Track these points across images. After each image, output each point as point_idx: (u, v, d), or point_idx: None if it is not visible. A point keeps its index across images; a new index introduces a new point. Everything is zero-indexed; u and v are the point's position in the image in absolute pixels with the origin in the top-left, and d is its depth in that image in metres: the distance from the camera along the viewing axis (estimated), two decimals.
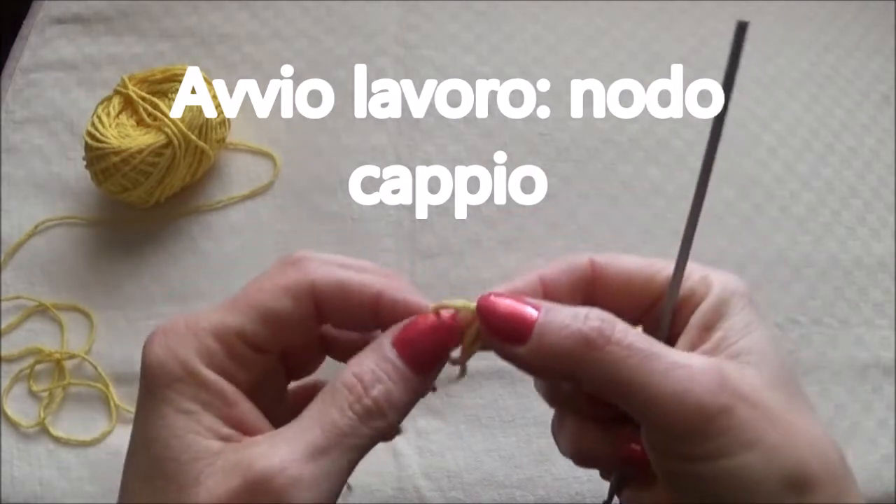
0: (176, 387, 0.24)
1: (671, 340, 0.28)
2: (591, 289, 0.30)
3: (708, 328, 0.27)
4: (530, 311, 0.26)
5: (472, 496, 0.53)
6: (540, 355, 0.25)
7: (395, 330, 0.26)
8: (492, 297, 0.27)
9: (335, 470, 0.24)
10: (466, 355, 0.28)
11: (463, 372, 0.28)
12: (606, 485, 0.32)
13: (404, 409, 0.26)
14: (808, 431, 0.24)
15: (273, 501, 0.23)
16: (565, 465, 0.54)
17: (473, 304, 0.27)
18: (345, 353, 0.29)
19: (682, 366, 0.24)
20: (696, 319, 0.27)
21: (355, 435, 0.24)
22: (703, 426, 0.23)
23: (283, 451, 0.23)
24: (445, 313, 0.27)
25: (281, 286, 0.26)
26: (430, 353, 0.26)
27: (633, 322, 0.29)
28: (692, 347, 0.27)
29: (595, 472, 0.54)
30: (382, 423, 0.25)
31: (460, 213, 0.64)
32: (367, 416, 0.24)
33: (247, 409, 0.25)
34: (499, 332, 0.26)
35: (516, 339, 0.26)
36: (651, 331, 0.28)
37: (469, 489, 0.53)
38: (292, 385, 0.31)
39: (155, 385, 0.25)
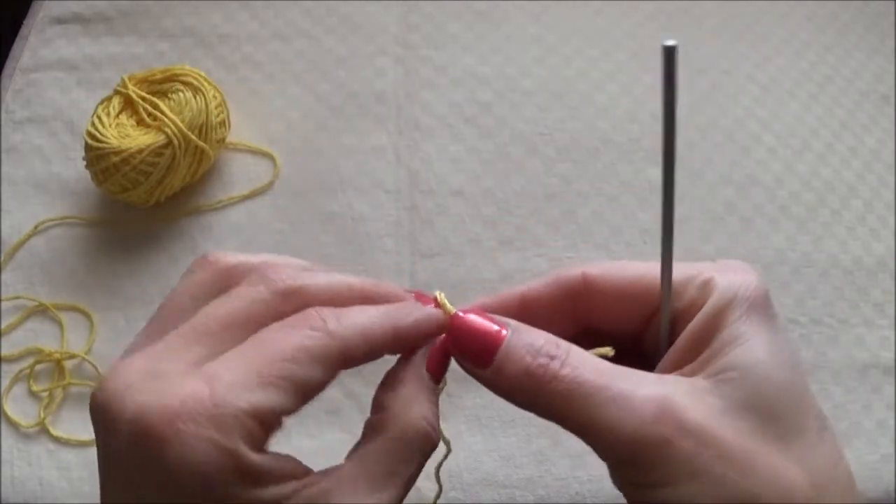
0: (231, 480, 0.21)
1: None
2: (584, 303, 0.29)
3: (698, 343, 0.26)
4: (497, 335, 0.26)
5: (472, 496, 0.53)
6: (498, 383, 0.26)
7: (424, 356, 0.28)
8: (461, 315, 0.27)
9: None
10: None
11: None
12: (606, 487, 0.32)
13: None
14: (771, 463, 0.23)
15: None
16: (565, 465, 0.54)
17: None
18: None
19: (623, 397, 0.24)
20: (685, 335, 0.27)
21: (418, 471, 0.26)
22: (641, 456, 0.24)
23: (370, 498, 0.24)
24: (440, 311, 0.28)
25: (306, 352, 0.24)
26: (446, 366, 0.28)
27: (634, 334, 0.29)
28: (677, 366, 0.26)
29: (595, 472, 0.54)
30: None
31: (460, 212, 0.64)
32: (431, 448, 0.26)
33: (290, 463, 0.24)
34: (465, 353, 0.27)
35: (480, 363, 0.26)
36: (653, 343, 0.28)
37: (469, 489, 0.53)
38: None
39: (204, 484, 0.21)
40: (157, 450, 0.21)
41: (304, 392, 0.24)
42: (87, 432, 0.55)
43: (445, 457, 0.31)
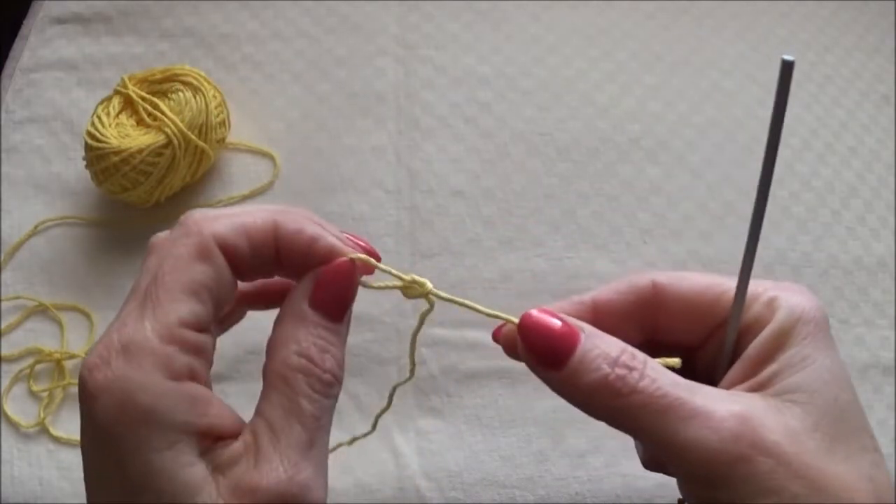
0: (147, 422, 0.22)
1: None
2: (652, 311, 0.29)
3: (763, 360, 0.26)
4: (572, 338, 0.26)
5: (472, 496, 0.53)
6: (570, 389, 0.26)
7: (305, 291, 0.26)
8: (537, 315, 0.27)
9: (323, 453, 0.25)
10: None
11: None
12: (606, 487, 0.32)
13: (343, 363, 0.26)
14: (842, 481, 0.24)
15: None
16: (565, 465, 0.54)
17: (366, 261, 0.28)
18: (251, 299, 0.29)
19: (702, 414, 0.24)
20: (751, 350, 0.27)
21: (325, 413, 0.25)
22: (720, 474, 0.24)
23: (278, 463, 0.23)
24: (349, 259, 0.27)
25: (188, 256, 0.25)
26: (344, 300, 0.27)
27: (697, 346, 0.29)
28: (743, 380, 0.27)
29: (595, 472, 0.54)
30: (339, 389, 0.26)
31: (460, 212, 0.64)
32: (329, 390, 0.25)
33: (217, 408, 0.24)
34: (536, 353, 0.26)
35: (551, 366, 0.26)
36: (715, 356, 0.28)
37: (469, 489, 0.53)
38: None
39: (123, 429, 0.22)
40: (89, 397, 0.23)
41: (200, 293, 0.24)
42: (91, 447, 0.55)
43: (406, 380, 0.31)
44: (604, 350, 0.26)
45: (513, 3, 0.76)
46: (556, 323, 0.26)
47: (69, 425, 0.55)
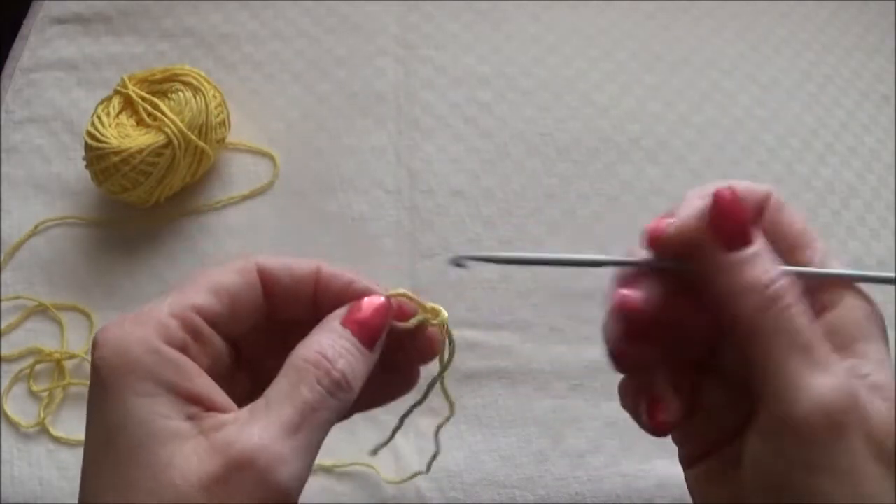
0: (134, 370, 0.24)
1: None
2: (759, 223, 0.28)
3: (843, 347, 0.26)
4: (752, 231, 0.26)
5: (472, 496, 0.53)
6: (730, 276, 0.25)
7: (340, 312, 0.28)
8: (736, 194, 0.26)
9: (310, 445, 0.25)
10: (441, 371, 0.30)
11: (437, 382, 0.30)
12: (606, 486, 0.32)
13: (362, 382, 0.27)
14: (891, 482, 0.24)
15: (256, 480, 0.23)
16: (565, 465, 0.54)
17: (438, 311, 0.29)
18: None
19: (829, 369, 0.24)
20: (833, 335, 0.26)
21: (325, 409, 0.25)
22: (821, 432, 0.23)
23: (259, 430, 0.24)
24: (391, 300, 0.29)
25: (229, 266, 0.28)
26: (376, 328, 0.27)
27: None
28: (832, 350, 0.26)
29: (595, 472, 0.54)
30: (349, 396, 0.26)
31: (460, 212, 0.64)
32: (335, 389, 0.25)
33: (207, 384, 0.25)
34: (722, 227, 0.26)
35: (727, 244, 0.26)
36: None
37: (469, 489, 0.53)
38: None
39: (112, 374, 0.24)
40: (96, 346, 0.25)
41: (220, 292, 0.27)
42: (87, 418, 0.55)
43: (447, 419, 0.32)
44: (774, 262, 0.25)
45: (513, 3, 0.76)
46: (748, 209, 0.26)
47: (69, 425, 0.55)
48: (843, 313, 0.27)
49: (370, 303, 0.28)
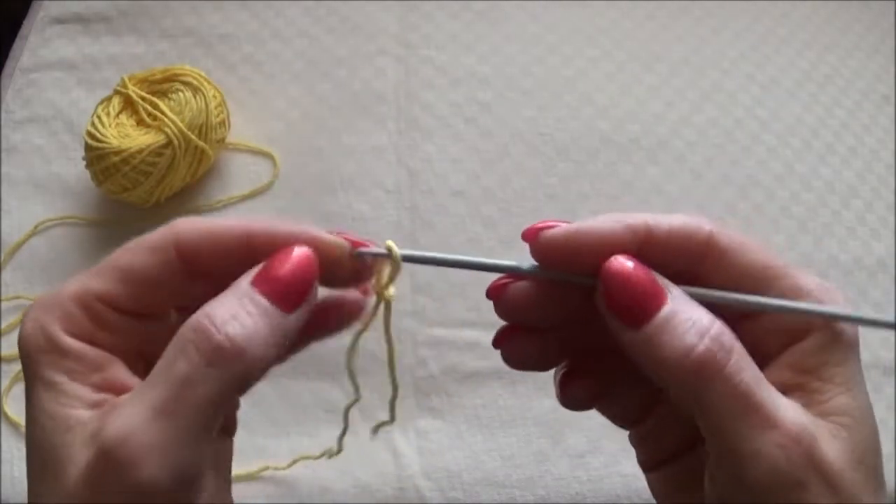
0: (41, 359, 0.23)
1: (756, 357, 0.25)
2: (696, 265, 0.25)
3: (805, 372, 0.24)
4: (659, 295, 0.23)
5: (472, 496, 0.53)
6: (648, 352, 0.23)
7: (253, 269, 0.24)
8: (626, 265, 0.24)
9: (188, 428, 0.21)
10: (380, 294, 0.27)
11: (382, 303, 0.26)
12: (606, 486, 0.32)
13: (269, 350, 0.22)
14: None
15: (121, 475, 0.20)
16: (565, 465, 0.54)
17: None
18: None
19: (778, 425, 0.22)
20: (793, 358, 0.24)
21: (203, 382, 0.21)
22: (776, 493, 0.22)
23: (125, 414, 0.21)
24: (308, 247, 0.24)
25: (143, 244, 0.25)
26: (296, 285, 0.23)
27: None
28: (785, 390, 0.24)
29: (595, 472, 0.54)
30: (239, 365, 0.22)
31: (460, 212, 0.64)
32: (217, 356, 0.21)
33: (119, 373, 0.24)
34: (618, 306, 0.23)
35: (630, 322, 0.23)
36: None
37: (469, 489, 0.53)
38: None
39: (24, 362, 0.24)
40: (19, 331, 0.24)
41: (129, 277, 0.24)
42: None
43: (353, 402, 0.30)
44: (693, 316, 0.23)
45: (513, 3, 0.76)
46: (644, 274, 0.23)
47: None
48: (809, 341, 0.25)
49: (287, 256, 0.23)
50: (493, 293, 0.27)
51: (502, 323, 0.29)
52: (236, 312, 0.22)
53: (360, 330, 0.27)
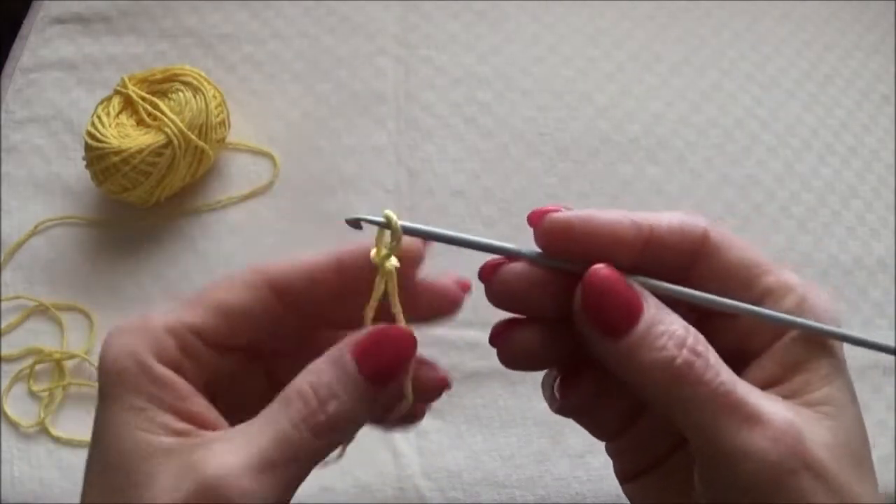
0: (126, 383, 0.24)
1: (742, 354, 0.25)
2: (690, 264, 0.26)
3: (794, 365, 0.25)
4: (637, 306, 0.24)
5: (472, 496, 0.53)
6: (625, 362, 0.24)
7: (355, 339, 0.25)
8: (605, 276, 0.24)
9: (285, 483, 0.23)
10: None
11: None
12: (606, 486, 0.32)
13: (359, 424, 0.25)
14: (864, 501, 0.23)
15: None
16: (565, 465, 0.54)
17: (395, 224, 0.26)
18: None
19: (762, 421, 0.23)
20: (780, 354, 0.25)
21: (307, 450, 0.23)
22: (767, 486, 0.22)
23: (233, 457, 0.22)
24: (402, 325, 0.26)
25: (236, 280, 0.26)
26: (391, 368, 0.25)
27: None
28: (770, 384, 0.25)
29: (595, 472, 0.54)
30: (337, 438, 0.24)
31: (460, 212, 0.64)
32: (321, 432, 0.23)
33: (201, 405, 0.25)
34: (596, 317, 0.24)
35: (608, 333, 0.24)
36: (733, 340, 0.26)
37: (469, 489, 0.53)
38: None
39: (107, 383, 0.24)
40: (100, 354, 0.25)
41: (223, 312, 0.25)
42: (87, 432, 0.55)
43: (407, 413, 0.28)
44: (669, 328, 0.23)
45: (513, 3, 0.76)
46: (623, 286, 0.24)
47: (69, 425, 0.55)
48: (793, 336, 0.25)
49: (391, 335, 0.25)
50: (485, 273, 0.27)
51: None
52: (337, 391, 0.24)
53: (364, 310, 0.26)
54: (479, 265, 0.27)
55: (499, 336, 0.27)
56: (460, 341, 0.58)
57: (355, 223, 0.26)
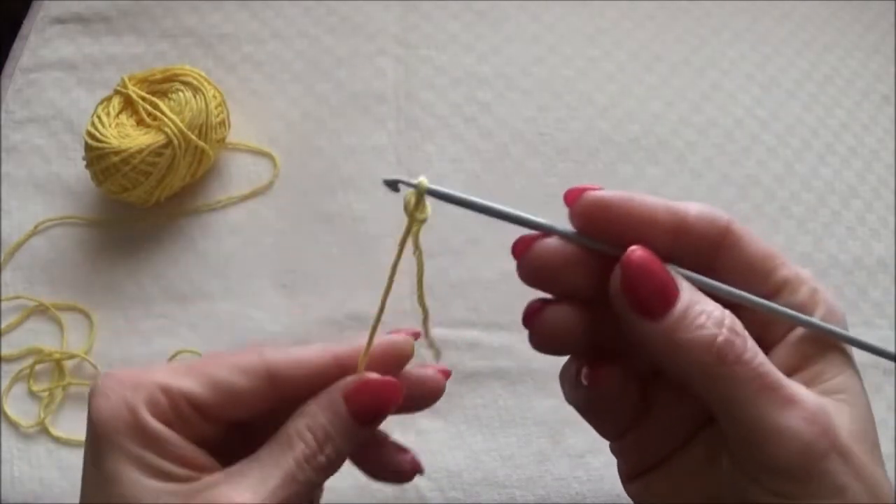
0: (123, 431, 0.25)
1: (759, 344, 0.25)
2: (714, 255, 0.26)
3: (808, 356, 0.26)
4: (674, 286, 0.24)
5: (472, 496, 0.53)
6: (664, 342, 0.24)
7: (346, 384, 0.27)
8: (644, 256, 0.24)
9: None
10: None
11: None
12: (606, 486, 0.32)
13: (348, 456, 0.28)
14: (884, 486, 0.24)
15: None
16: (565, 465, 0.54)
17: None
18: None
19: (798, 402, 0.23)
20: (797, 344, 0.26)
21: (311, 486, 0.26)
22: (801, 467, 0.23)
23: (246, 496, 0.25)
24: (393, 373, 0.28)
25: (236, 363, 0.27)
26: (377, 410, 0.28)
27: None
28: (789, 372, 0.25)
29: (595, 472, 0.54)
30: (332, 473, 0.27)
31: (460, 212, 0.64)
32: (322, 471, 0.26)
33: (196, 451, 0.26)
34: (636, 297, 0.24)
35: (648, 313, 0.24)
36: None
37: (469, 489, 0.53)
38: None
39: (105, 431, 0.25)
40: (92, 403, 0.26)
41: (218, 389, 0.27)
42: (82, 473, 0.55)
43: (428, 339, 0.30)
44: (707, 308, 0.24)
45: (513, 3, 0.76)
46: (661, 266, 0.24)
47: (69, 425, 0.55)
48: (804, 331, 0.26)
49: (378, 385, 0.28)
50: (519, 248, 0.27)
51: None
52: (331, 434, 0.27)
53: (396, 258, 0.29)
54: (507, 241, 0.28)
55: (532, 315, 0.27)
56: (460, 341, 0.58)
57: (393, 184, 0.28)
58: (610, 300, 0.25)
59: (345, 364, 0.28)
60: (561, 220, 0.27)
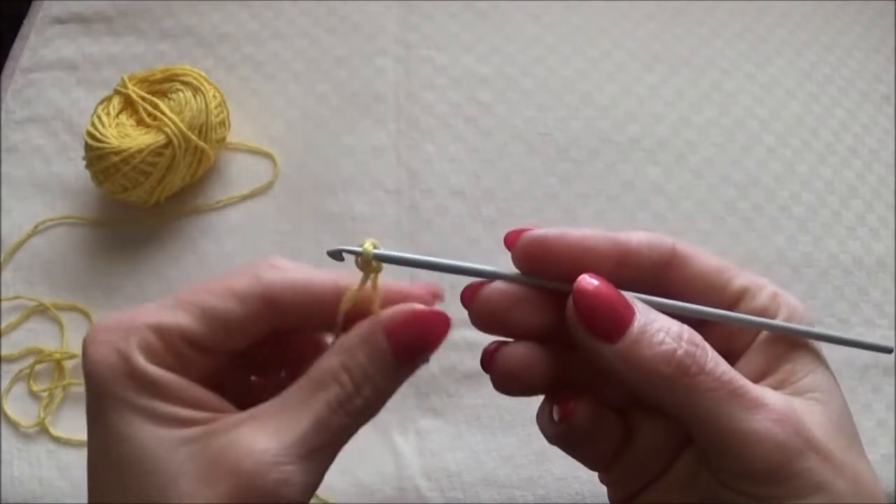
0: (124, 383, 0.23)
1: (726, 355, 0.26)
2: (661, 278, 0.27)
3: (776, 359, 0.26)
4: (629, 307, 0.24)
5: (472, 496, 0.53)
6: (626, 362, 0.24)
7: (389, 317, 0.25)
8: (594, 283, 0.24)
9: (325, 467, 0.24)
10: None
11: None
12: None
13: (387, 399, 0.25)
14: (868, 479, 0.24)
15: (266, 500, 0.22)
16: (565, 465, 0.54)
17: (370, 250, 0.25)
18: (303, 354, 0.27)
19: (764, 405, 0.23)
20: (763, 349, 0.26)
21: (345, 433, 0.24)
22: (778, 469, 0.23)
23: (271, 443, 0.22)
24: (434, 303, 0.26)
25: (229, 288, 0.25)
26: (424, 347, 0.25)
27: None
28: (758, 377, 0.26)
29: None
30: (369, 418, 0.24)
31: (460, 212, 0.64)
32: (358, 416, 0.24)
33: (202, 392, 0.24)
34: (591, 323, 0.24)
35: (606, 336, 0.24)
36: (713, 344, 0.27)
37: (469, 489, 0.53)
38: None
39: (102, 385, 0.23)
40: (85, 355, 0.24)
41: (212, 319, 0.24)
42: (86, 432, 0.55)
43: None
44: (665, 324, 0.24)
45: (513, 3, 0.76)
46: (613, 290, 0.24)
47: (69, 425, 0.55)
48: (770, 335, 0.26)
49: (426, 316, 0.25)
50: (466, 296, 0.27)
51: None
52: (370, 374, 0.24)
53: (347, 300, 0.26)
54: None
55: (489, 357, 0.27)
56: (460, 341, 0.58)
57: (337, 255, 0.26)
58: (569, 333, 0.25)
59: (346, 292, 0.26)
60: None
